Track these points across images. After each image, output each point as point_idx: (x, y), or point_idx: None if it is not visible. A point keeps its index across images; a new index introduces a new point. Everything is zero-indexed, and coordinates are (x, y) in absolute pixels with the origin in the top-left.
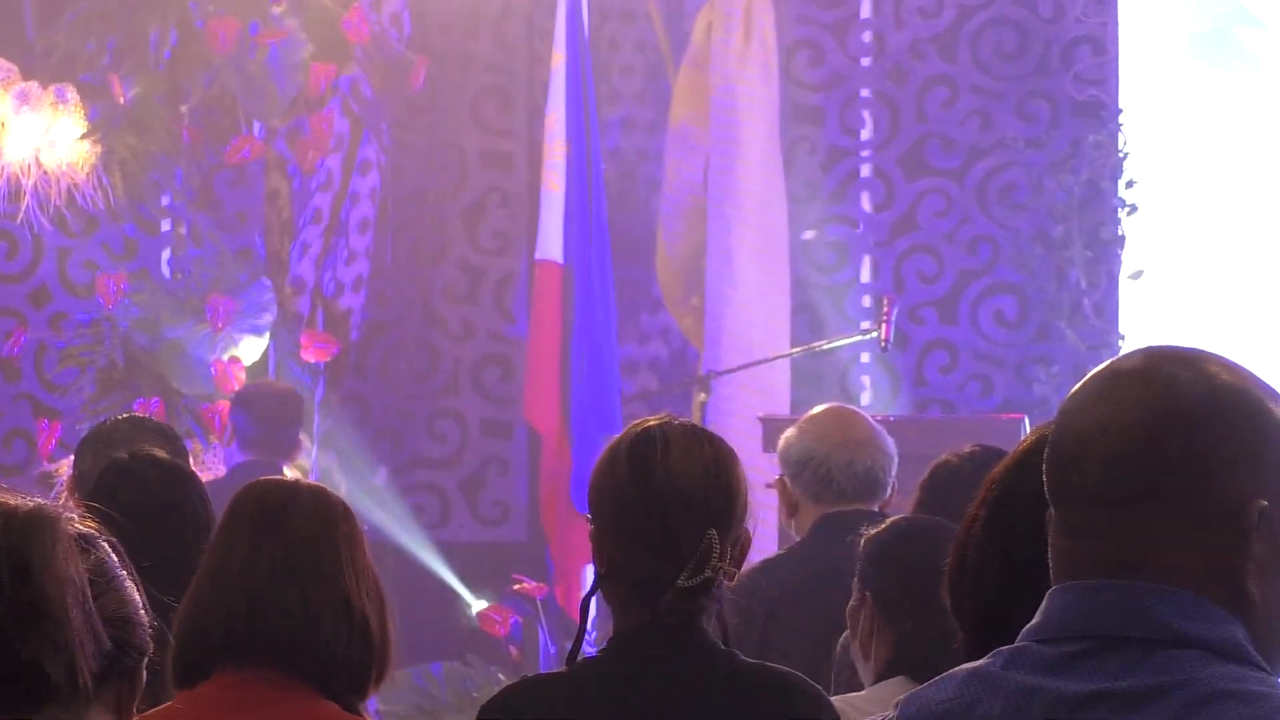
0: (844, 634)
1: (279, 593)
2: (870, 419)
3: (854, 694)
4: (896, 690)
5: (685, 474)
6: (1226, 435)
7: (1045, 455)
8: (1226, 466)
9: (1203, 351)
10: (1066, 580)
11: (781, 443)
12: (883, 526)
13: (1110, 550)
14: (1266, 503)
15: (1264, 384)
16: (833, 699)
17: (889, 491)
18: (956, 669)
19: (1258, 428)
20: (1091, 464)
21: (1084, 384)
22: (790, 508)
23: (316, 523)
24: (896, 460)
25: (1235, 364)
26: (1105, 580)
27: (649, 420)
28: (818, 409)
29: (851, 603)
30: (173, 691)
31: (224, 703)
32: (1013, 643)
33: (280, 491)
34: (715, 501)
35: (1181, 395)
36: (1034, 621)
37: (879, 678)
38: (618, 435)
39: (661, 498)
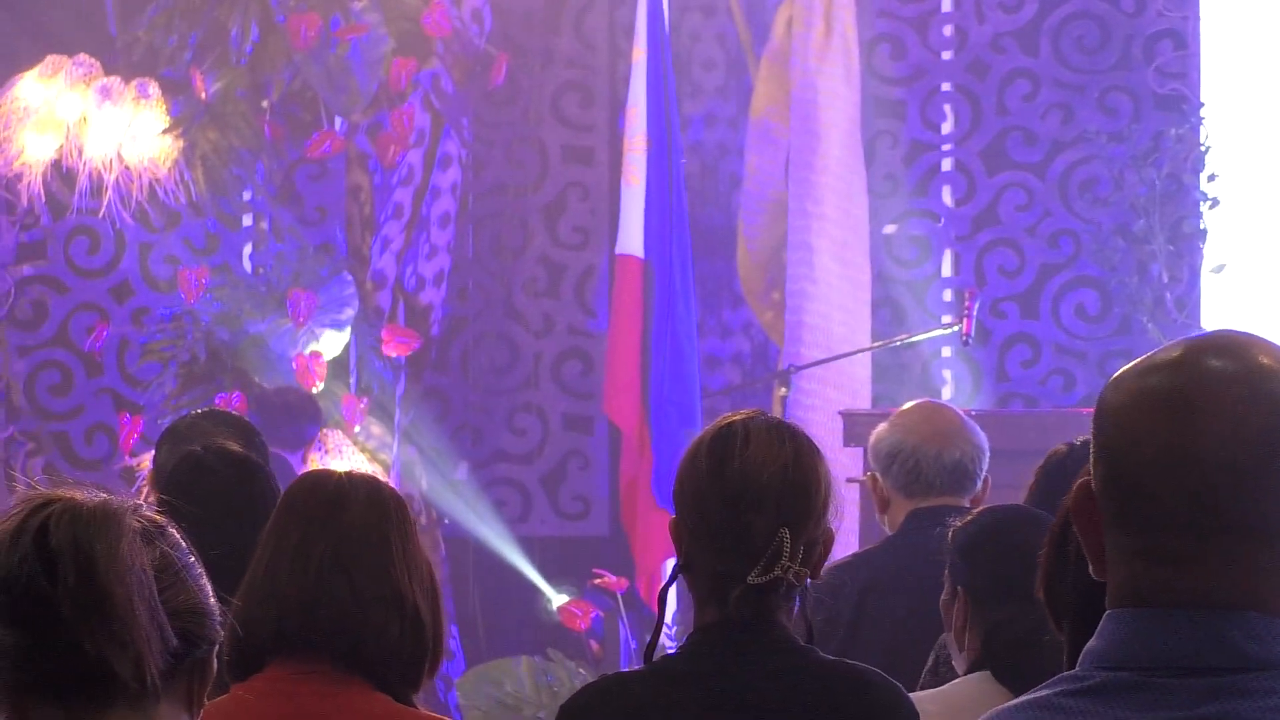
0: (940, 637)
1: (330, 588)
2: (961, 412)
3: (924, 691)
4: (971, 688)
5: (760, 470)
6: None
7: (1102, 477)
8: None
9: (1249, 342)
10: (1132, 604)
11: (872, 438)
12: (969, 518)
13: (1194, 578)
14: None
15: None
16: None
17: (979, 484)
18: (1019, 701)
19: None
20: (1176, 495)
21: (1137, 392)
22: (882, 503)
23: (369, 516)
24: (988, 453)
25: (1273, 345)
26: (1181, 609)
27: (735, 415)
28: (909, 404)
29: (944, 596)
30: (228, 681)
31: (278, 695)
32: None
33: (333, 485)
34: (789, 499)
35: (1269, 413)
36: (1095, 645)
37: (970, 670)
38: (705, 429)
39: (735, 493)
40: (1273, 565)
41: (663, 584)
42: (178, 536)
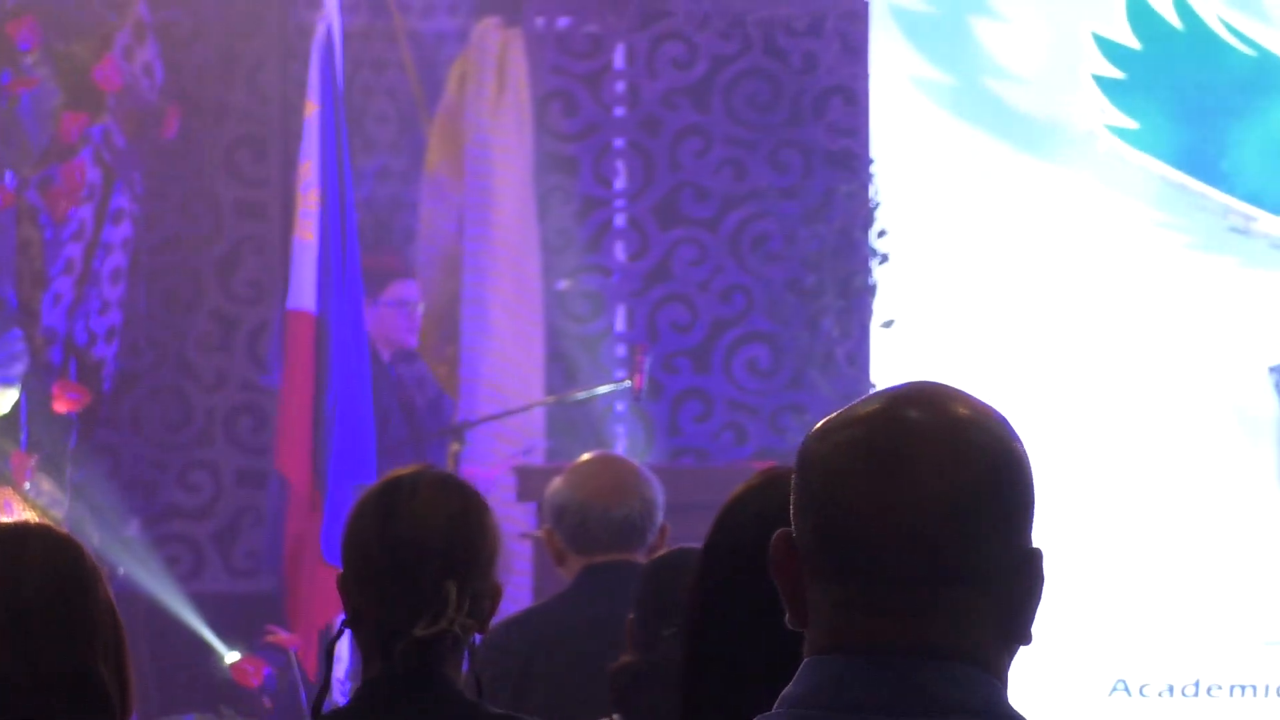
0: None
1: (7, 669)
2: (639, 466)
3: None
4: None
5: (427, 523)
6: (1018, 493)
7: (812, 530)
8: (1019, 526)
9: (947, 393)
10: (836, 651)
11: (548, 491)
12: (657, 555)
13: (901, 628)
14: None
15: (999, 414)
16: None
17: (652, 538)
18: None
19: (1028, 474)
20: (888, 548)
21: (844, 446)
22: (558, 558)
23: (45, 583)
24: (662, 506)
25: (974, 398)
26: (885, 656)
27: (404, 469)
28: (585, 457)
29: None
30: None
31: None
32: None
33: (8, 547)
34: (457, 552)
35: (974, 463)
36: (793, 690)
37: None
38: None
39: (402, 545)
40: (976, 614)
41: (330, 638)
42: None
